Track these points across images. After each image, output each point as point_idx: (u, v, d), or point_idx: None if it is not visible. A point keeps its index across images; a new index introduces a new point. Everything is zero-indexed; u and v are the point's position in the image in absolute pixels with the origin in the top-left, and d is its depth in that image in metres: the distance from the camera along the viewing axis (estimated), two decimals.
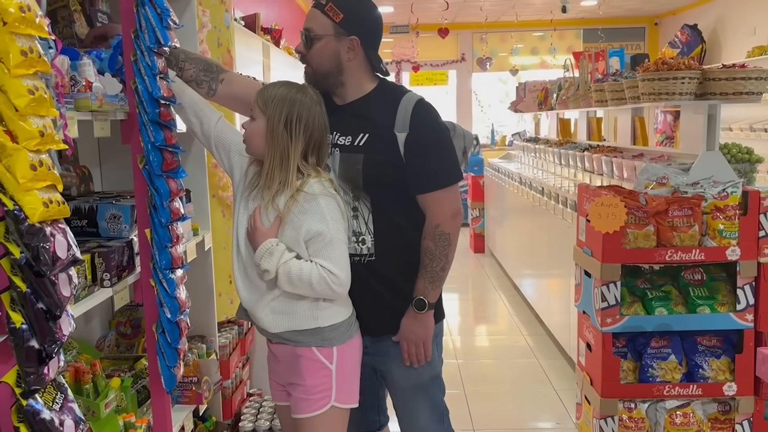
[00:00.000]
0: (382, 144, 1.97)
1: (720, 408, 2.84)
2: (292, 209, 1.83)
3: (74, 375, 1.69)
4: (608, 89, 3.95)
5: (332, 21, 1.96)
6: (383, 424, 2.33)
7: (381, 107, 2.02)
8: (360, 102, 2.04)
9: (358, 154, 1.98)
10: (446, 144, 2.05)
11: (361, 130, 1.99)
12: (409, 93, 2.05)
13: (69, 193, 2.09)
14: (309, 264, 1.84)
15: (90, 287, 1.62)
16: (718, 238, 2.73)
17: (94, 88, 1.56)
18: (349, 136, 2.01)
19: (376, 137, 1.98)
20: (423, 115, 2.00)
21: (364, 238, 2.00)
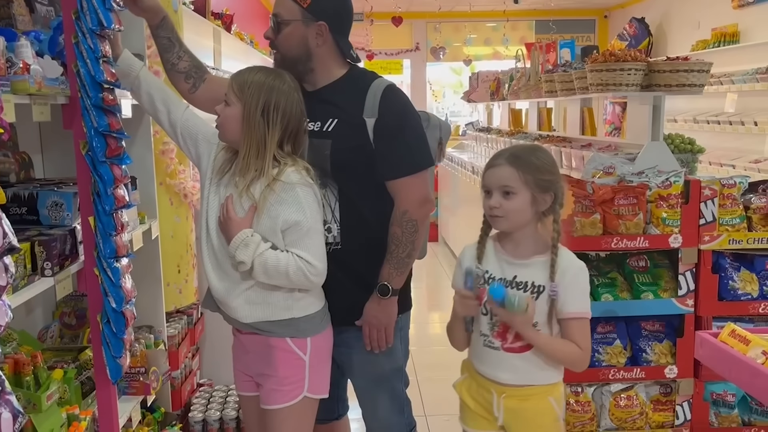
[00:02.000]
0: (351, 130, 1.95)
1: (662, 390, 2.94)
2: (269, 198, 1.79)
3: (13, 367, 1.64)
4: (558, 80, 4.01)
5: (299, 6, 1.93)
6: (342, 414, 2.32)
7: (350, 93, 1.99)
8: (329, 88, 2.02)
9: (326, 140, 1.95)
10: (415, 130, 2.02)
11: (330, 116, 1.97)
12: (379, 79, 2.04)
13: (7, 180, 2.02)
14: (285, 254, 1.81)
15: (30, 276, 1.57)
16: (662, 226, 2.81)
17: (32, 70, 1.51)
18: (318, 122, 1.98)
19: (344, 123, 1.96)
20: (392, 100, 1.98)
21: (330, 226, 1.97)
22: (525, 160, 1.81)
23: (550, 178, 1.81)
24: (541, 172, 1.81)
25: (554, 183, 1.82)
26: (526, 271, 1.85)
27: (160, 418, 2.50)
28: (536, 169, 1.80)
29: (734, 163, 5.57)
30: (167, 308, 2.61)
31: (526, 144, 1.98)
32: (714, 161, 5.72)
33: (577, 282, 1.82)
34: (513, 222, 1.83)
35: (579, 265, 1.85)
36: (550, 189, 1.81)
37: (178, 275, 2.83)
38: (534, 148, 1.89)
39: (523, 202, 1.80)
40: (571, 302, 1.81)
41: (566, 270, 1.81)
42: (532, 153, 1.84)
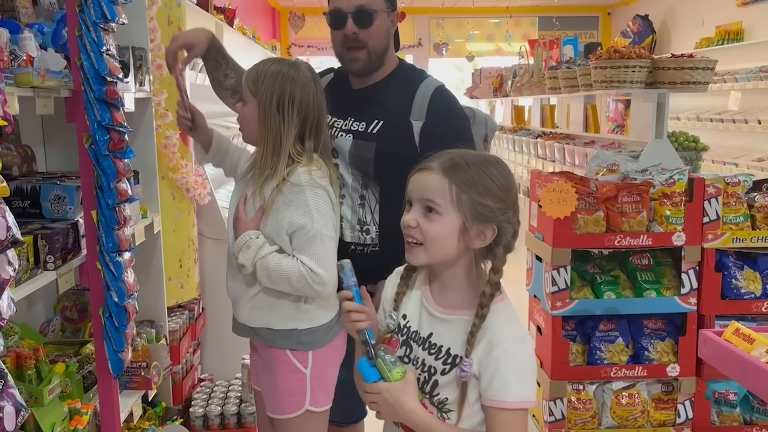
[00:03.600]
0: (397, 133, 1.91)
1: (663, 389, 2.93)
2: (276, 200, 1.72)
3: (16, 360, 1.64)
4: (561, 77, 4.00)
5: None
6: (360, 417, 2.28)
7: (398, 93, 1.95)
8: (378, 86, 1.98)
9: (370, 141, 1.92)
10: (464, 134, 1.97)
11: (375, 117, 1.93)
12: (428, 78, 1.99)
13: (10, 173, 2.01)
14: (290, 260, 1.72)
15: (32, 270, 1.57)
16: (665, 224, 2.81)
17: (36, 63, 1.50)
18: (363, 122, 1.95)
19: (390, 125, 1.92)
20: (441, 103, 1.93)
21: (369, 228, 1.95)
22: (465, 172, 1.28)
23: (494, 206, 1.27)
24: (484, 194, 1.27)
25: (499, 214, 1.28)
26: (444, 330, 1.32)
27: (161, 412, 2.50)
28: (477, 188, 1.27)
29: (737, 162, 5.56)
30: (169, 303, 2.61)
31: (482, 153, 1.39)
32: (717, 159, 5.71)
33: (508, 360, 1.25)
34: (432, 254, 1.30)
35: (516, 336, 1.28)
36: (490, 220, 1.28)
37: (180, 270, 2.82)
38: (487, 160, 1.32)
39: (447, 228, 1.28)
40: (498, 386, 1.24)
41: (494, 342, 1.26)
42: (480, 165, 1.30)
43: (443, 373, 1.29)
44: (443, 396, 1.30)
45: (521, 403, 1.25)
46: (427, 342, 1.33)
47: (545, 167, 4.49)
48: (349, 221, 1.97)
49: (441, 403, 1.31)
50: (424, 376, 1.32)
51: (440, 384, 1.30)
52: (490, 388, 1.25)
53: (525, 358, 1.27)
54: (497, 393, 1.24)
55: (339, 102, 2.02)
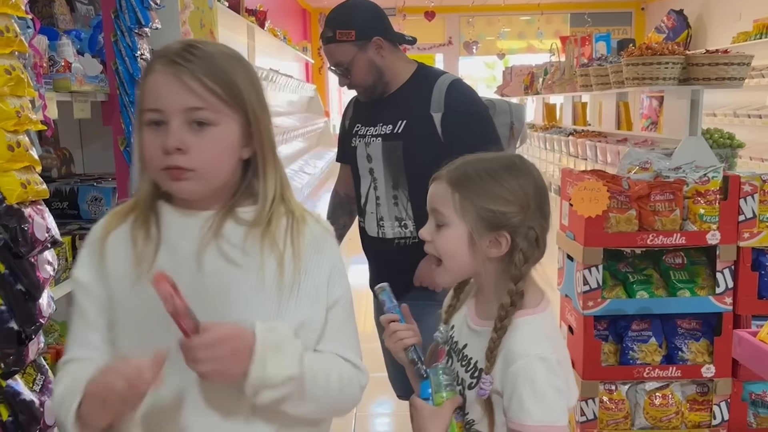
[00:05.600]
0: (420, 128, 2.04)
1: (698, 390, 2.89)
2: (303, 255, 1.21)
3: (55, 357, 1.68)
4: (593, 74, 3.96)
5: (349, 42, 2.04)
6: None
7: (418, 91, 2.09)
8: (400, 90, 2.12)
9: (397, 141, 2.06)
10: (483, 120, 2.11)
11: (399, 117, 2.07)
12: (444, 75, 2.12)
13: (49, 175, 2.08)
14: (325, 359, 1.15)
15: (71, 270, 1.61)
16: (699, 223, 2.76)
17: (73, 68, 1.55)
18: (390, 125, 2.09)
19: (413, 122, 2.05)
20: (457, 93, 2.06)
21: (406, 222, 2.09)
22: (472, 180, 1.19)
23: (502, 210, 1.16)
24: (489, 200, 1.16)
25: (510, 219, 1.16)
26: (476, 342, 1.23)
27: None
28: (482, 195, 1.17)
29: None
30: None
31: (502, 155, 1.29)
32: (755, 156, 5.59)
33: (524, 379, 1.13)
34: (451, 269, 1.22)
35: (536, 354, 1.15)
36: (501, 227, 1.16)
37: None
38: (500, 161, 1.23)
39: (454, 239, 1.19)
40: (516, 408, 1.13)
41: (514, 356, 1.15)
42: (492, 170, 1.20)
43: (469, 388, 1.21)
44: (471, 416, 1.21)
45: (542, 428, 1.13)
46: (461, 353, 1.26)
47: (577, 165, 4.45)
48: (388, 219, 2.13)
49: (469, 424, 1.21)
50: (458, 389, 1.24)
51: (468, 400, 1.22)
52: (510, 409, 1.15)
53: (543, 377, 1.13)
54: (516, 415, 1.14)
55: (369, 112, 2.19)
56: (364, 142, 2.16)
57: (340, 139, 2.43)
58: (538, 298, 1.23)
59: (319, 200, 6.61)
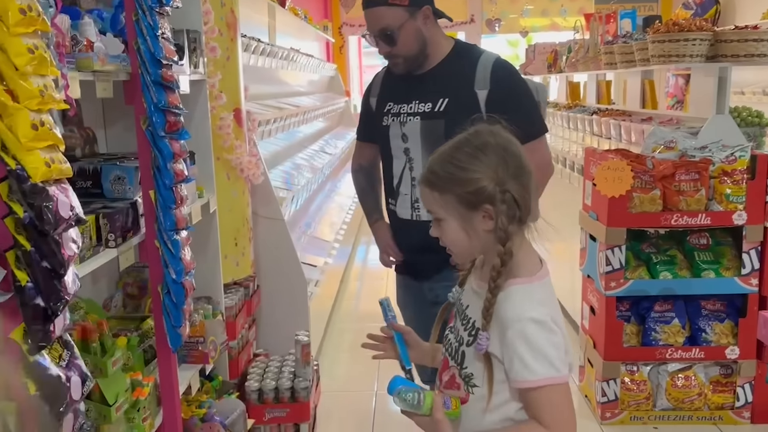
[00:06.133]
0: (463, 106, 1.98)
1: (722, 371, 2.87)
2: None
3: (81, 334, 1.71)
4: (618, 51, 3.89)
5: (402, 6, 1.99)
6: None
7: (460, 68, 2.03)
8: (439, 67, 2.06)
9: (438, 119, 2.00)
10: (529, 98, 2.07)
11: (440, 95, 2.01)
12: (486, 51, 2.09)
13: (73, 155, 2.10)
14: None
15: (95, 248, 1.63)
16: (725, 203, 2.72)
17: (95, 47, 1.55)
18: (429, 103, 2.03)
19: (455, 100, 2.00)
20: (503, 70, 2.03)
21: None
22: (438, 175, 1.28)
23: (476, 188, 1.23)
24: (460, 183, 1.25)
25: (484, 193, 1.23)
26: (476, 302, 1.31)
27: (218, 386, 2.58)
28: (454, 184, 1.25)
29: None
30: (225, 280, 2.68)
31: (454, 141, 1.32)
32: None
33: (522, 340, 1.21)
34: (460, 255, 1.35)
35: (529, 317, 1.22)
36: (481, 202, 1.24)
37: (236, 248, 2.89)
38: (454, 147, 1.31)
39: (452, 231, 1.28)
40: (519, 368, 1.22)
41: (507, 322, 1.23)
42: (448, 158, 1.28)
43: (468, 345, 1.31)
44: (469, 371, 1.30)
45: (548, 380, 1.21)
46: (464, 313, 1.36)
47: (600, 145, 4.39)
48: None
49: (467, 377, 1.30)
50: (456, 345, 1.35)
51: (467, 356, 1.31)
52: (512, 371, 1.23)
53: (540, 336, 1.22)
54: (520, 374, 1.22)
55: (402, 88, 2.10)
56: (399, 121, 2.09)
57: (363, 118, 2.36)
58: (536, 268, 1.31)
59: (339, 181, 6.62)
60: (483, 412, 1.27)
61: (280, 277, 3.24)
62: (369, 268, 5.71)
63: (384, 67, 2.27)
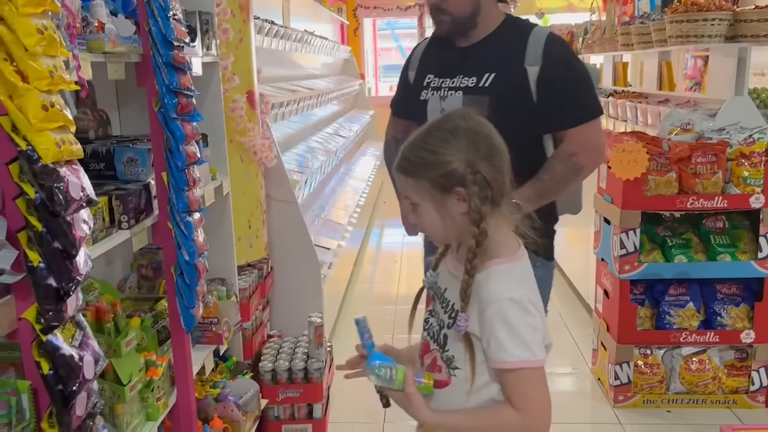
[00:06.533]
0: (510, 83, 1.86)
1: (737, 355, 2.85)
2: None
3: (95, 314, 1.73)
4: (635, 32, 3.84)
5: None
6: None
7: (509, 42, 1.90)
8: (487, 40, 1.93)
9: (483, 96, 1.86)
10: (584, 77, 1.93)
11: (486, 70, 1.88)
12: (537, 26, 1.96)
13: (87, 137, 2.11)
14: None
15: (108, 229, 1.64)
16: (742, 186, 2.69)
17: (106, 29, 1.55)
18: (474, 77, 1.89)
19: (503, 76, 1.87)
20: (557, 46, 1.89)
21: None
22: (410, 160, 1.28)
23: (447, 171, 1.23)
24: (433, 170, 1.25)
25: (455, 175, 1.23)
26: (454, 285, 1.31)
27: (232, 366, 2.60)
28: (426, 169, 1.25)
29: None
30: (239, 262, 2.70)
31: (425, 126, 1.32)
32: None
33: (499, 320, 1.22)
34: (438, 238, 1.36)
35: (508, 297, 1.23)
36: (453, 185, 1.24)
37: (249, 230, 2.90)
38: (426, 131, 1.30)
39: (428, 215, 1.28)
40: (495, 348, 1.22)
41: (487, 302, 1.23)
42: (418, 142, 1.28)
43: (449, 327, 1.31)
44: (451, 353, 1.30)
45: (523, 362, 1.22)
46: (443, 296, 1.36)
47: (616, 127, 4.34)
48: None
49: (449, 360, 1.31)
50: (437, 328, 1.35)
51: (449, 338, 1.31)
52: (489, 350, 1.24)
53: (517, 316, 1.22)
54: (496, 354, 1.23)
55: (444, 61, 1.98)
56: (439, 95, 1.95)
57: (400, 91, 2.20)
58: (513, 249, 1.31)
59: (353, 164, 6.61)
60: (467, 394, 1.28)
61: (293, 259, 3.25)
62: (382, 251, 5.72)
63: (425, 39, 2.15)
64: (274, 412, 2.74)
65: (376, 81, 11.01)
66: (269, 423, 2.74)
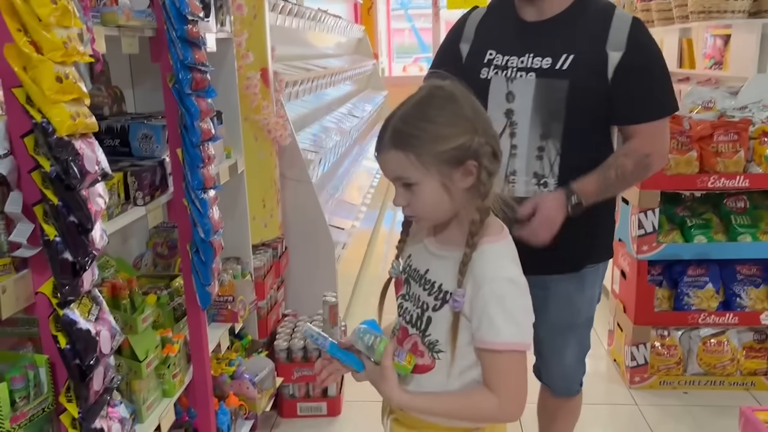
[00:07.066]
0: (591, 66, 1.66)
1: (756, 337, 2.82)
2: None
3: (111, 291, 1.73)
4: (656, 8, 3.76)
5: None
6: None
7: (589, 21, 1.70)
8: (563, 16, 1.71)
9: (561, 79, 1.67)
10: (665, 69, 1.75)
11: (564, 50, 1.67)
12: (618, 8, 1.77)
13: (101, 113, 2.10)
14: None
15: (123, 205, 1.64)
16: (765, 165, 2.64)
17: (120, 2, 1.53)
18: (548, 58, 1.68)
19: (584, 58, 1.67)
20: (642, 32, 1.70)
21: (547, 180, 1.72)
22: (412, 135, 1.19)
23: (457, 144, 1.18)
24: (441, 141, 1.18)
25: (470, 147, 1.18)
26: (439, 266, 1.28)
27: (248, 345, 2.61)
28: (431, 141, 1.18)
29: None
30: (253, 241, 2.69)
31: (416, 99, 1.23)
32: None
33: (495, 300, 1.19)
34: (435, 218, 1.27)
35: (506, 276, 1.21)
36: (465, 157, 1.18)
37: (264, 210, 2.89)
38: (423, 103, 1.22)
39: (431, 193, 1.21)
40: (486, 328, 1.19)
41: (483, 280, 1.20)
42: (420, 116, 1.20)
43: (434, 309, 1.26)
44: (434, 337, 1.26)
45: (512, 345, 1.19)
46: (423, 278, 1.30)
47: None
48: (523, 174, 1.74)
49: (432, 344, 1.27)
50: (418, 312, 1.30)
51: (433, 322, 1.26)
52: (479, 330, 1.20)
53: (513, 298, 1.20)
54: (486, 335, 1.19)
55: (510, 36, 1.76)
56: (505, 75, 1.73)
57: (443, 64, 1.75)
58: (500, 227, 1.28)
59: (368, 144, 6.58)
60: (450, 377, 1.25)
61: (308, 239, 3.25)
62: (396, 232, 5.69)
63: (473, 8, 1.91)
64: (289, 390, 2.75)
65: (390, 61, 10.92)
66: (284, 401, 2.75)
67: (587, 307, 1.92)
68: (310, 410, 2.77)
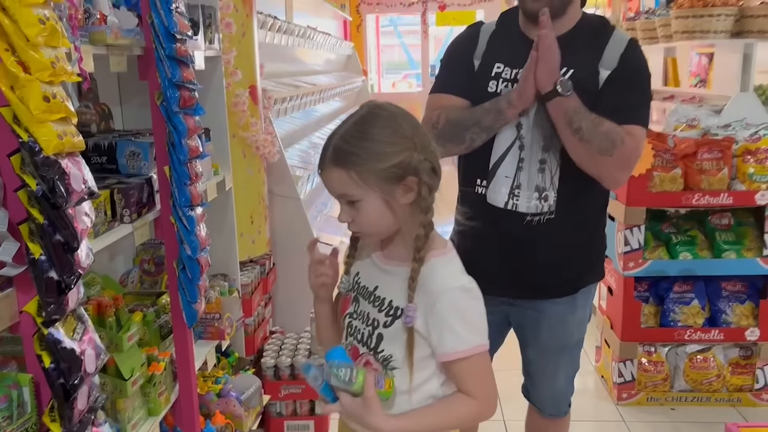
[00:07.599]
0: (585, 81, 1.73)
1: (741, 353, 2.84)
2: None
3: (97, 309, 1.72)
4: (640, 28, 3.82)
5: None
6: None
7: (588, 40, 1.78)
8: (568, 34, 1.78)
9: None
10: (649, 89, 1.81)
11: (567, 65, 1.73)
12: (618, 29, 1.84)
13: (89, 130, 2.10)
14: None
15: (110, 223, 1.63)
16: (748, 182, 2.67)
17: (108, 21, 1.54)
18: None
19: (580, 74, 1.74)
20: (636, 54, 1.78)
21: (548, 194, 1.76)
22: (353, 153, 1.21)
23: (399, 160, 1.20)
24: (381, 159, 1.20)
25: (409, 163, 1.21)
26: (388, 282, 1.29)
27: (234, 362, 2.59)
28: (374, 158, 1.20)
29: None
30: (241, 258, 2.68)
31: (356, 117, 1.26)
32: None
33: (453, 311, 1.22)
34: (378, 233, 1.29)
35: (458, 286, 1.24)
36: (405, 174, 1.21)
37: (251, 226, 2.89)
38: (363, 122, 1.24)
39: (373, 210, 1.23)
40: (447, 340, 1.22)
41: (436, 294, 1.22)
42: (360, 135, 1.22)
43: (385, 326, 1.27)
44: (387, 353, 1.27)
45: (477, 348, 1.23)
46: (372, 295, 1.31)
47: None
48: (527, 188, 1.78)
49: (386, 360, 1.27)
50: (368, 330, 1.30)
51: (384, 338, 1.27)
52: (443, 344, 1.22)
53: (469, 305, 1.24)
54: (452, 346, 1.22)
55: (520, 51, 1.78)
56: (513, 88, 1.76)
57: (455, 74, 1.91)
58: (444, 243, 1.30)
59: None
60: (405, 393, 1.26)
61: (296, 255, 3.24)
62: None
63: (478, 23, 1.97)
64: (276, 408, 2.73)
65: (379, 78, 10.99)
66: (271, 419, 2.74)
67: (578, 328, 1.94)
68: (297, 428, 2.75)
